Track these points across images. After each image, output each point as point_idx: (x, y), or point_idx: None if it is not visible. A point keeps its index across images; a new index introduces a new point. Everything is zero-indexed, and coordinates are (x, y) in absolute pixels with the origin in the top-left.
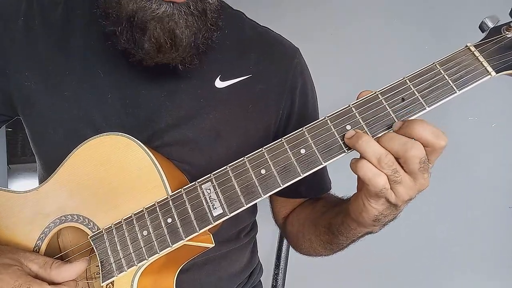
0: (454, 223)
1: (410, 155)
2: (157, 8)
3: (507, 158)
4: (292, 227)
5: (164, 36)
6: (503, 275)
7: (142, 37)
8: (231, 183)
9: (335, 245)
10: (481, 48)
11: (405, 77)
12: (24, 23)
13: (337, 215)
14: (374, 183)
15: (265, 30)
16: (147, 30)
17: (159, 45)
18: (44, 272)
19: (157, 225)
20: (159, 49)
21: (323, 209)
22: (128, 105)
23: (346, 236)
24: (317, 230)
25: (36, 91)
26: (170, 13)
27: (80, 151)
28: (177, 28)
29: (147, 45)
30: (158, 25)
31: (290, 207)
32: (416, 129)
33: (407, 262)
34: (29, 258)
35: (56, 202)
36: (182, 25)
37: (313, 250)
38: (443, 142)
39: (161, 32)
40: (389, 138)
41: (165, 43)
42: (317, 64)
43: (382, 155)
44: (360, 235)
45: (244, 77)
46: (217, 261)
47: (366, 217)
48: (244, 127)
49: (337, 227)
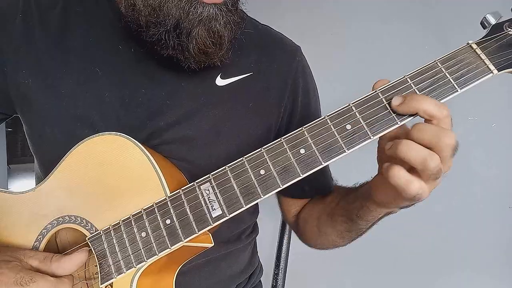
0: (454, 223)
1: (445, 144)
2: (202, 12)
3: (507, 158)
4: (306, 223)
5: (210, 38)
6: (503, 274)
7: (188, 42)
8: (230, 184)
9: (354, 232)
10: (483, 46)
11: (406, 76)
12: (22, 21)
13: (355, 201)
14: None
15: (266, 29)
16: (193, 34)
17: (206, 47)
18: (45, 266)
19: (156, 227)
20: (205, 51)
21: (336, 200)
22: (127, 104)
23: (366, 219)
24: (333, 221)
25: (33, 90)
26: (214, 15)
27: (76, 151)
28: (221, 29)
29: (193, 49)
30: (204, 28)
31: (299, 205)
32: (419, 103)
33: (407, 261)
34: (28, 255)
35: (54, 203)
36: (223, 25)
37: (331, 242)
38: (445, 111)
39: (207, 35)
40: (418, 130)
41: (212, 45)
42: (317, 64)
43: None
44: (381, 216)
45: (245, 75)
46: (217, 262)
47: (396, 206)
48: (245, 125)
49: (356, 212)
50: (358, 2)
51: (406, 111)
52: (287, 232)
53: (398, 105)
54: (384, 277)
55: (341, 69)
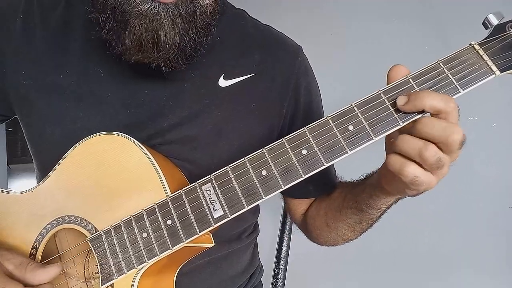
0: (454, 223)
1: (452, 140)
2: (139, 4)
3: (507, 158)
4: (314, 221)
5: (146, 35)
6: (503, 274)
7: (123, 31)
8: (231, 184)
9: (365, 222)
10: (486, 47)
11: (408, 76)
12: (23, 22)
13: (362, 192)
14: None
15: (268, 29)
16: (129, 26)
17: (140, 43)
18: (19, 273)
19: (157, 227)
20: (139, 47)
21: (342, 194)
22: (130, 104)
23: (376, 208)
24: (342, 215)
25: (33, 91)
26: (155, 12)
27: (76, 151)
28: (161, 29)
29: (128, 41)
30: (140, 23)
31: (306, 204)
32: (424, 99)
33: (407, 261)
34: (6, 257)
35: (53, 203)
36: (167, 26)
37: (341, 237)
38: (452, 103)
39: (143, 30)
40: (424, 125)
41: (147, 42)
42: (317, 64)
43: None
44: (391, 203)
45: (248, 75)
46: (218, 263)
47: (404, 194)
48: (247, 126)
49: (365, 201)
50: (358, 2)
51: (412, 109)
52: (287, 232)
53: (404, 104)
54: (384, 277)
55: (341, 69)
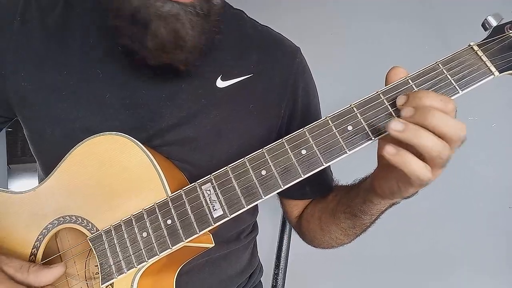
0: (454, 223)
1: (457, 137)
2: (161, 6)
3: (507, 158)
4: (308, 223)
5: (168, 36)
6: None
7: (145, 35)
8: (231, 184)
9: (359, 227)
10: (485, 48)
11: (407, 77)
12: (21, 24)
13: (356, 197)
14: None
15: (266, 29)
16: (150, 28)
17: (163, 45)
18: (21, 276)
19: (157, 227)
20: (163, 49)
21: (337, 197)
22: (128, 105)
23: (370, 213)
24: (336, 219)
25: (33, 92)
26: (175, 13)
27: (77, 151)
28: (182, 29)
29: (150, 44)
30: (161, 24)
31: (301, 205)
32: (423, 99)
33: (407, 262)
34: (4, 262)
35: (54, 203)
36: (187, 26)
37: (335, 240)
38: (451, 104)
39: (165, 32)
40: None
41: (169, 43)
42: (317, 64)
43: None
44: (384, 209)
45: (245, 76)
46: (217, 262)
47: (400, 196)
48: (246, 126)
49: (359, 207)
50: (358, 2)
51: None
52: (287, 232)
53: (403, 104)
54: (384, 277)
55: (341, 69)
